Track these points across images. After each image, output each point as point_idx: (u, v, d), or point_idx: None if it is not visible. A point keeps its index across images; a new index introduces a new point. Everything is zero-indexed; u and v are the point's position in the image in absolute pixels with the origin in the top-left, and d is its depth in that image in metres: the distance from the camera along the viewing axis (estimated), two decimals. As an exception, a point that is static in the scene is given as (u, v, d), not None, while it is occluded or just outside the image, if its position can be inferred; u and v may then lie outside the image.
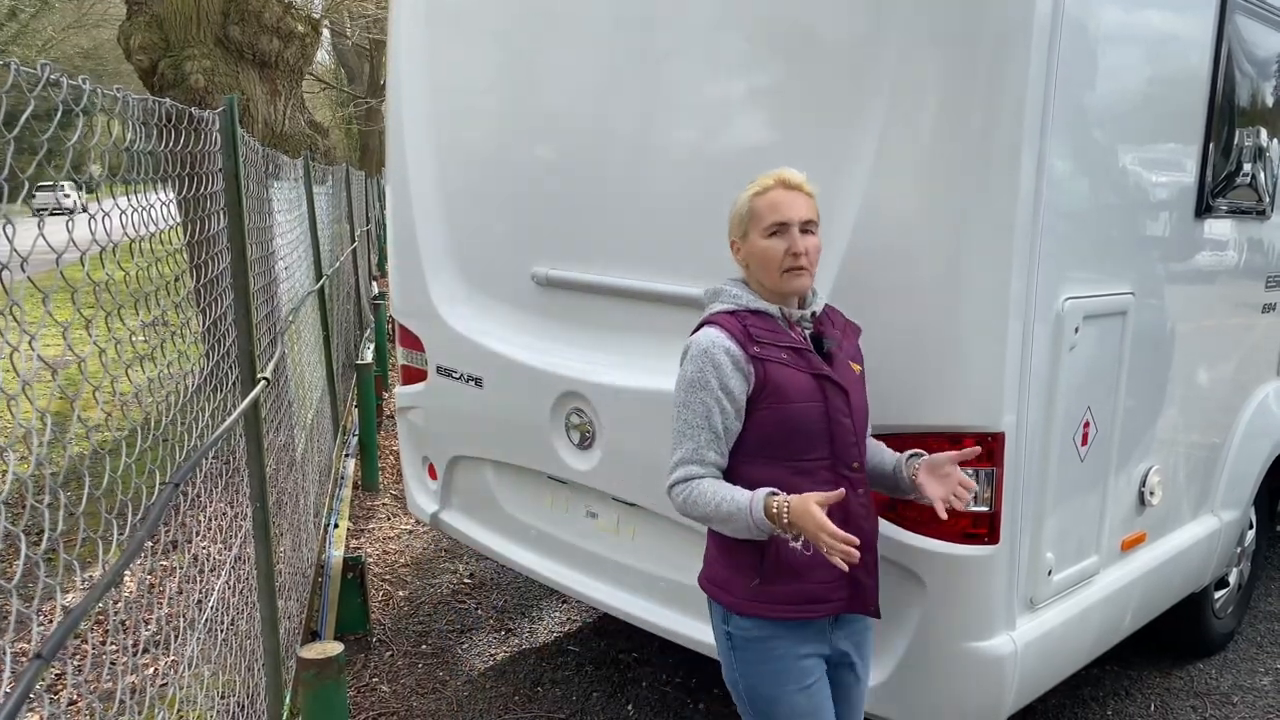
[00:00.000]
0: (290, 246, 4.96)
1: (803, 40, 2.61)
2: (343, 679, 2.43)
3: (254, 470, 2.78)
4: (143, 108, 1.84)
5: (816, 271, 2.21)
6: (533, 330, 3.43)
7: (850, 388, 2.16)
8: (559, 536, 3.47)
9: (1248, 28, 3.17)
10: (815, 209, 2.17)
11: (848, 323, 2.32)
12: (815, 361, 2.14)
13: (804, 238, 2.13)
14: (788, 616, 2.15)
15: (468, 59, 3.55)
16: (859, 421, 2.18)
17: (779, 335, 2.14)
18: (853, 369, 2.20)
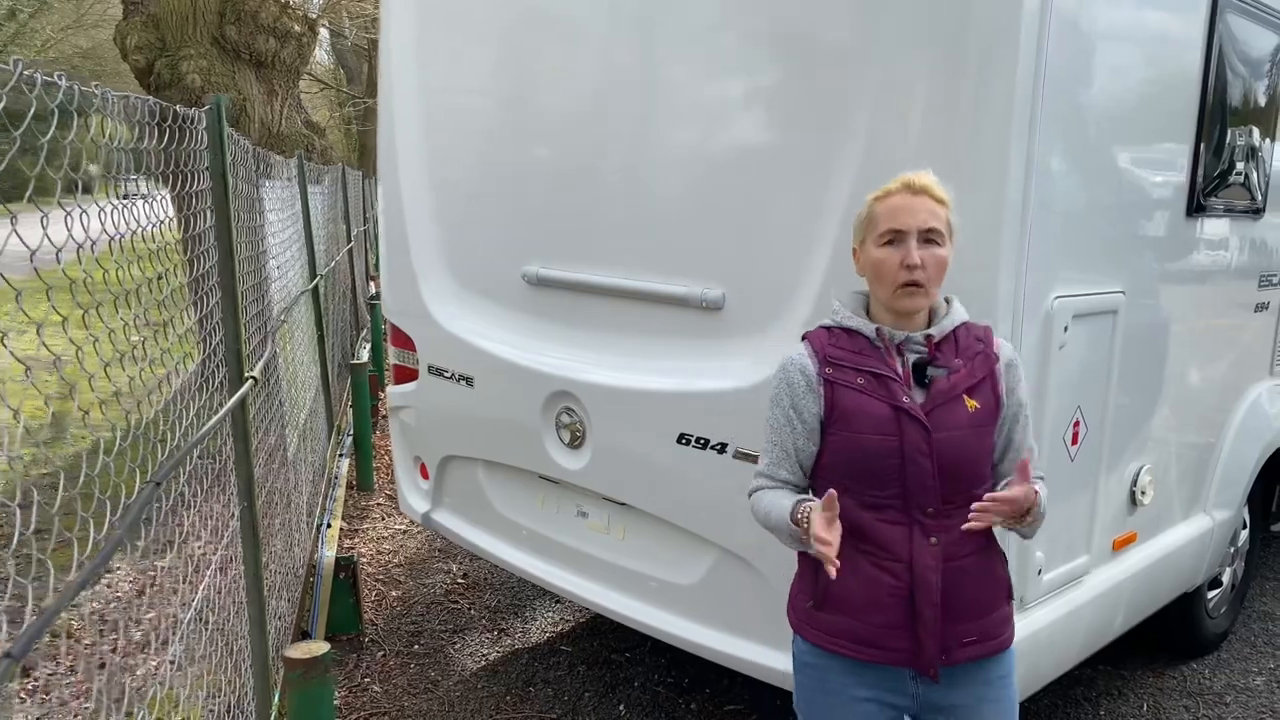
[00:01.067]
0: (283, 245, 4.95)
1: (792, 41, 2.61)
2: (329, 679, 2.42)
3: (241, 470, 2.77)
4: (124, 105, 1.83)
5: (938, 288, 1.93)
6: (523, 330, 3.42)
7: (938, 425, 1.88)
8: (550, 536, 3.46)
9: (1239, 26, 3.16)
10: (945, 217, 1.90)
11: (985, 353, 1.95)
12: (896, 391, 1.89)
13: (924, 249, 1.87)
14: (840, 651, 1.97)
15: (459, 59, 3.55)
16: (947, 464, 1.88)
17: (864, 358, 1.94)
18: (964, 405, 1.90)
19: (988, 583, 1.96)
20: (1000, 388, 1.95)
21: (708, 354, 2.91)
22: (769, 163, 2.69)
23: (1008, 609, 2.01)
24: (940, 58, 2.37)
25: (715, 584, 2.96)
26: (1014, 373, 1.98)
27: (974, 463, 1.92)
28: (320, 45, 25.65)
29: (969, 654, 1.94)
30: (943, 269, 1.90)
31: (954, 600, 1.92)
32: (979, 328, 2.00)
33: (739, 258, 2.79)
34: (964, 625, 1.94)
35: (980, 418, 1.91)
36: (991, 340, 1.99)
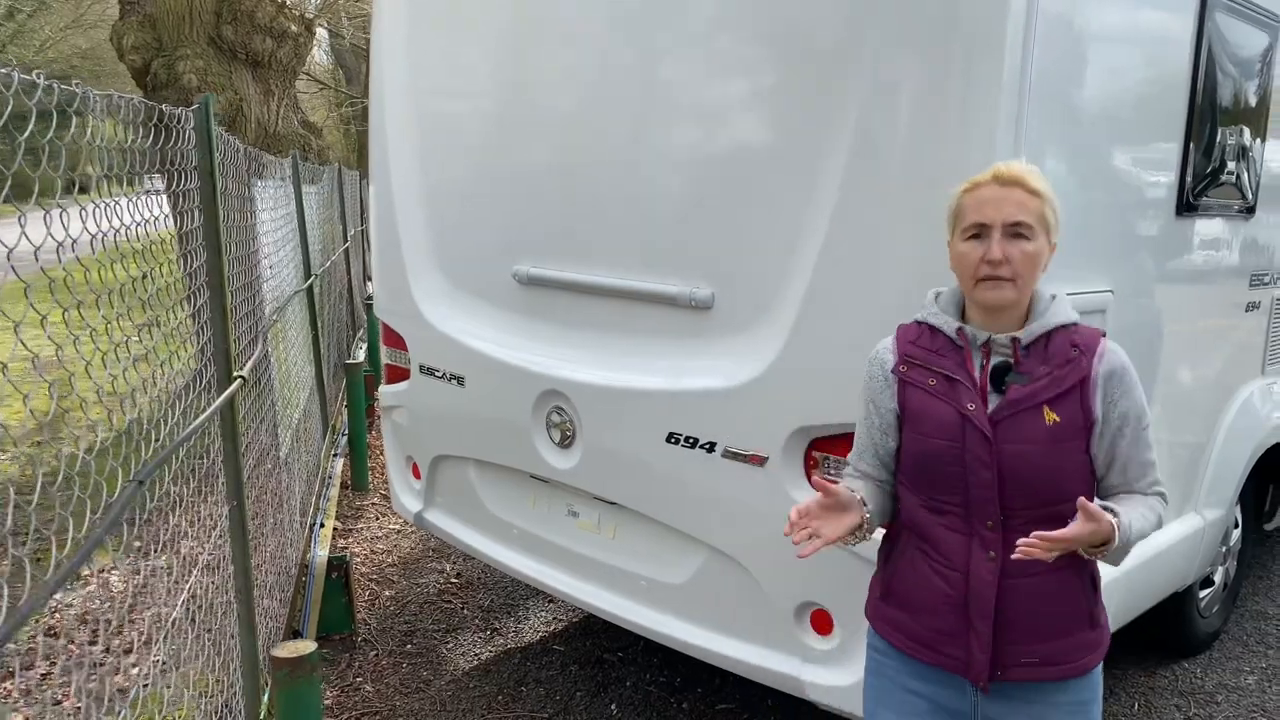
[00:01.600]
0: (276, 245, 4.95)
1: (781, 41, 2.61)
2: (315, 678, 2.42)
3: (230, 470, 2.77)
4: (107, 104, 1.83)
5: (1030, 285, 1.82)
6: (514, 329, 3.42)
7: (1006, 437, 1.80)
8: (541, 535, 3.46)
9: (1229, 25, 3.16)
10: (1038, 210, 1.79)
11: (1077, 361, 1.82)
12: (965, 395, 1.83)
13: (1010, 243, 1.78)
14: (898, 646, 1.98)
15: (449, 59, 3.55)
16: (1013, 477, 1.80)
17: (940, 358, 1.88)
18: (1042, 417, 1.79)
19: (1058, 606, 1.85)
20: (1092, 400, 1.80)
21: (697, 353, 2.91)
22: (758, 162, 2.69)
23: (1089, 635, 1.88)
24: (927, 59, 2.37)
25: (705, 583, 2.96)
26: (1117, 383, 1.81)
27: (1050, 479, 1.80)
28: (319, 45, 25.65)
29: (1027, 675, 1.87)
30: (1032, 264, 1.79)
31: (1014, 617, 1.85)
32: (1085, 332, 1.84)
33: (728, 257, 2.79)
34: (1025, 645, 1.86)
35: (1061, 432, 1.79)
36: (1094, 348, 1.82)
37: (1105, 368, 1.81)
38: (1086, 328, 1.86)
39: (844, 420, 2.56)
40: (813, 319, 2.58)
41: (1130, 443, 1.83)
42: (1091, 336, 1.85)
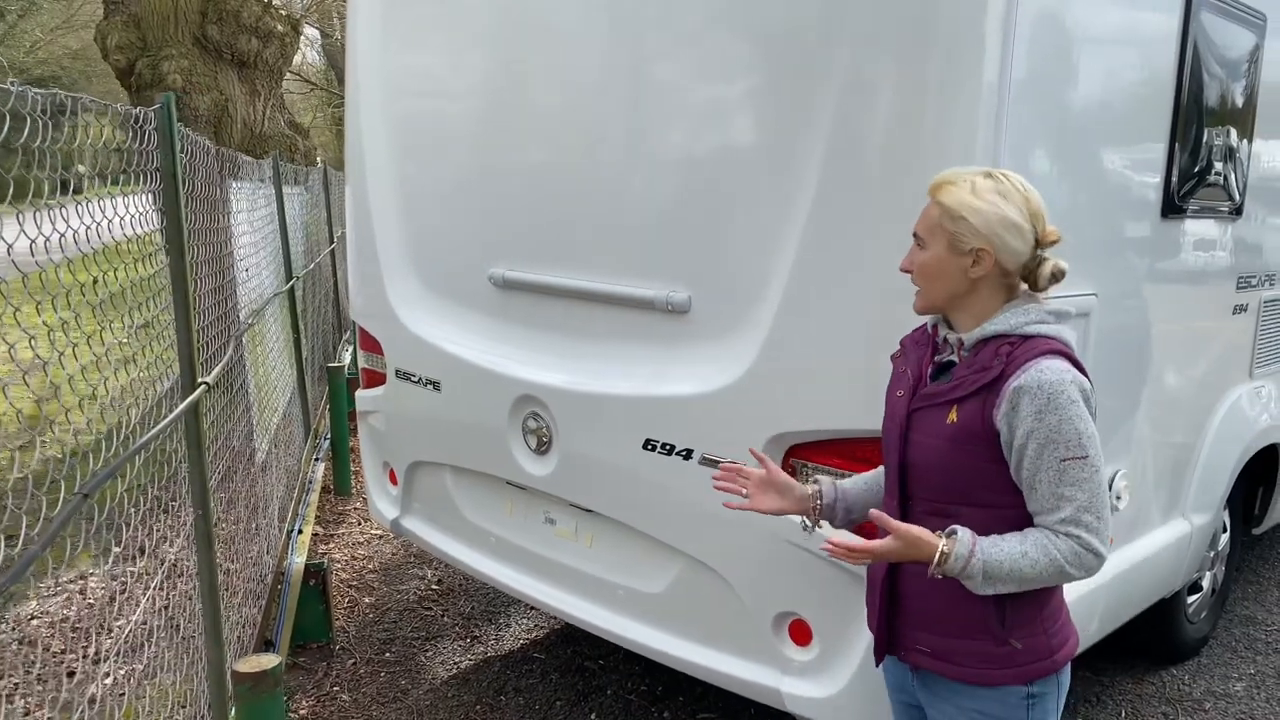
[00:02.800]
0: (255, 247, 4.89)
1: (759, 42, 2.56)
2: (279, 693, 2.36)
3: (195, 477, 2.71)
4: (52, 104, 1.77)
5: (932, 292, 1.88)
6: (490, 333, 3.36)
7: (915, 427, 1.90)
8: (518, 543, 3.40)
9: (1214, 25, 3.12)
10: (932, 219, 1.84)
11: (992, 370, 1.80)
12: (902, 385, 1.97)
13: (915, 252, 1.89)
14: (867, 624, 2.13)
15: (425, 58, 3.49)
16: (911, 465, 1.91)
17: (918, 349, 1.99)
18: (946, 417, 1.85)
19: (949, 604, 1.88)
20: (994, 410, 1.78)
21: (674, 358, 2.85)
22: (735, 165, 2.64)
23: (991, 649, 1.86)
24: (904, 60, 2.32)
25: (682, 592, 2.91)
26: (1028, 402, 1.75)
27: (945, 476, 1.85)
28: (310, 45, 25.60)
29: (923, 663, 1.96)
30: (925, 273, 1.87)
31: (909, 602, 1.95)
32: (1027, 345, 1.79)
33: (705, 261, 2.73)
34: (917, 631, 1.95)
35: (959, 433, 1.82)
36: (1019, 361, 1.78)
37: (1018, 382, 1.76)
38: (1037, 342, 1.80)
39: (821, 427, 2.51)
40: (789, 324, 2.52)
41: (1033, 468, 1.77)
42: (1029, 350, 1.79)
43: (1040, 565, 1.75)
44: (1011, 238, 1.80)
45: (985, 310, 1.86)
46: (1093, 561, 1.77)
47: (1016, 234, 1.80)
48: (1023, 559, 1.75)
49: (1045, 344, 1.80)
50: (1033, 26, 2.40)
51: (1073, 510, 1.76)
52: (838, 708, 2.57)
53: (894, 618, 1.98)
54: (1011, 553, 1.76)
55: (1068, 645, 1.93)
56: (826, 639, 2.60)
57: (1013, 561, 1.75)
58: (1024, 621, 1.86)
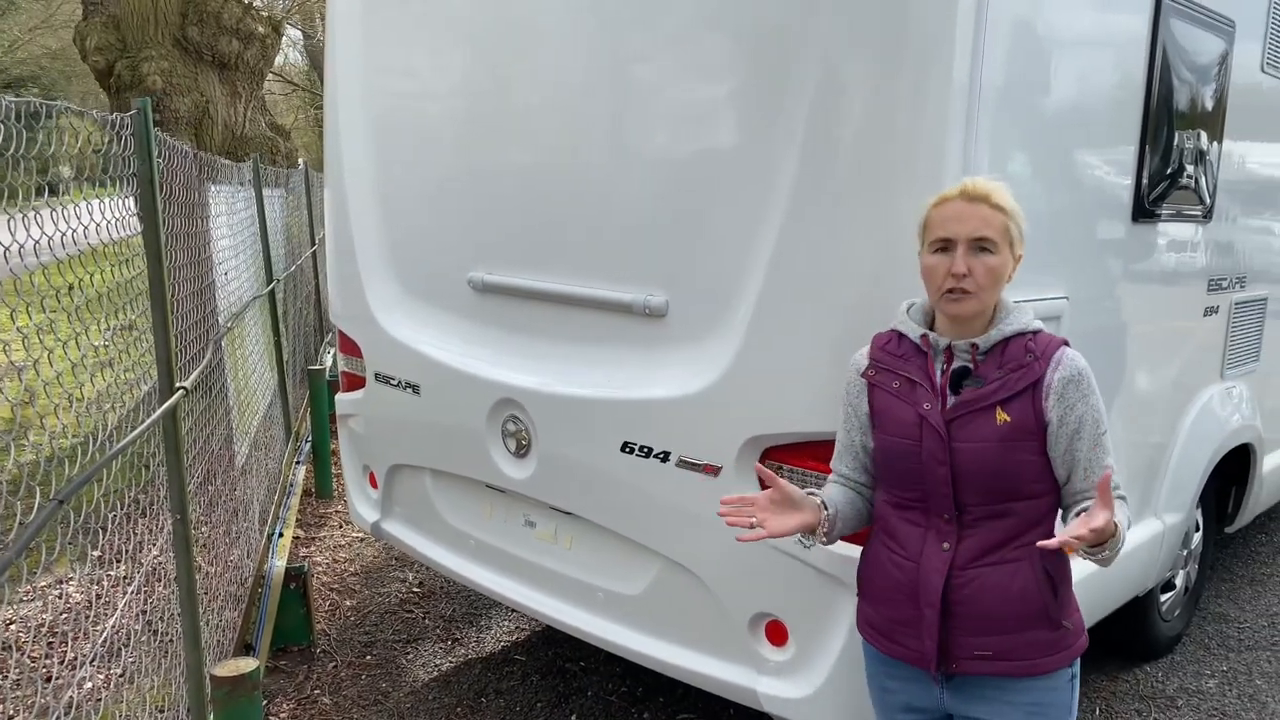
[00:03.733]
0: (234, 250, 4.88)
1: (735, 45, 2.58)
2: (257, 696, 2.37)
3: (173, 482, 2.71)
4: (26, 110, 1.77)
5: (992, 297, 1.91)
6: (469, 336, 3.37)
7: (959, 435, 1.90)
8: (498, 546, 3.42)
9: (1183, 30, 3.16)
10: (1002, 225, 1.88)
11: (1030, 366, 1.89)
12: (924, 396, 1.94)
13: (974, 257, 1.87)
14: (868, 640, 2.12)
15: (403, 61, 3.50)
16: (967, 474, 1.90)
17: (905, 362, 1.99)
18: (994, 417, 1.88)
19: (1009, 600, 1.90)
20: (1044, 402, 1.87)
21: (651, 361, 2.87)
22: (711, 168, 2.66)
23: (1047, 635, 1.92)
24: (876, 63, 2.35)
25: (660, 594, 2.93)
26: (1074, 389, 1.88)
27: (1000, 476, 1.89)
28: (293, 46, 25.50)
29: (981, 668, 1.94)
30: (994, 276, 1.89)
31: (964, 609, 1.93)
32: (1044, 340, 1.92)
33: (682, 265, 2.75)
34: (976, 638, 1.94)
35: (1012, 432, 1.87)
36: (1050, 354, 1.90)
37: (1062, 374, 1.88)
38: (1047, 335, 1.94)
39: (796, 430, 2.54)
40: (765, 327, 2.55)
41: (1089, 446, 1.89)
42: (1049, 344, 1.92)
43: (1126, 525, 1.83)
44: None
45: (989, 314, 1.95)
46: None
47: None
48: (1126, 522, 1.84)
49: (1054, 337, 1.94)
50: (1003, 31, 2.43)
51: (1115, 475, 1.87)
52: (813, 707, 2.60)
53: (944, 630, 1.95)
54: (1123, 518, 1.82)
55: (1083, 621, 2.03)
56: (802, 639, 2.62)
57: (1126, 524, 1.83)
58: (1067, 599, 1.96)
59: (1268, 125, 4.00)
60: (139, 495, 2.79)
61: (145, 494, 2.94)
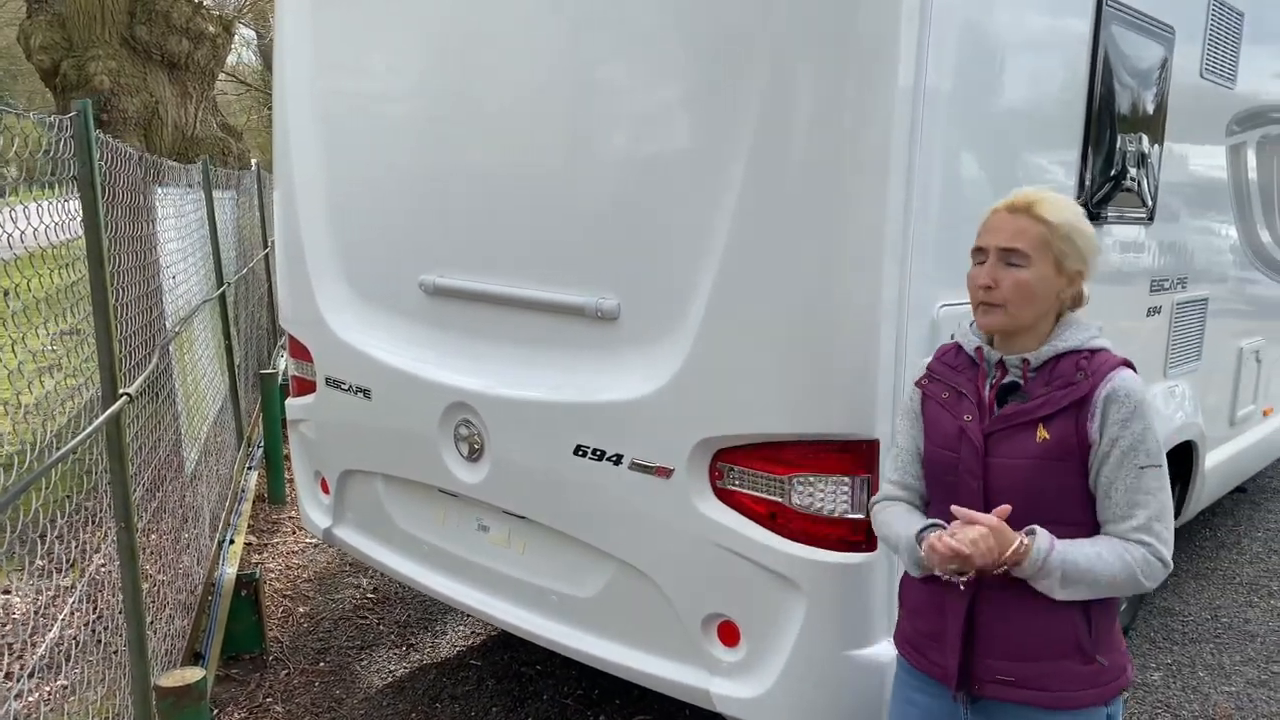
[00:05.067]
0: (183, 254, 4.81)
1: (685, 48, 2.59)
2: (204, 706, 2.34)
3: (117, 489, 2.66)
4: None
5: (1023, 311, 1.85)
6: (421, 340, 3.35)
7: (997, 451, 1.85)
8: (451, 551, 3.40)
9: (1124, 37, 3.22)
10: (1039, 237, 1.81)
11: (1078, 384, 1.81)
12: (967, 409, 1.91)
13: (1002, 269, 1.83)
14: (900, 651, 2.09)
15: (356, 59, 3.47)
16: (999, 489, 1.84)
17: (957, 374, 1.97)
18: (1034, 436, 1.82)
19: (1037, 627, 1.84)
20: (1089, 423, 1.79)
21: (604, 364, 2.87)
22: (662, 172, 2.67)
23: (1079, 668, 1.84)
24: (822, 69, 2.37)
25: (613, 597, 2.93)
26: (1115, 409, 1.78)
27: (1036, 494, 1.82)
28: (247, 46, 25.18)
29: (1003, 694, 1.88)
30: (1022, 291, 1.82)
31: (988, 629, 1.87)
32: (1101, 358, 1.83)
33: (633, 268, 2.76)
34: (999, 662, 1.88)
35: (1052, 450, 1.81)
36: (1102, 373, 1.81)
37: (1106, 391, 1.79)
38: (1106, 355, 1.85)
39: (747, 431, 2.55)
40: (715, 329, 2.56)
41: (1114, 471, 1.78)
42: (1105, 362, 1.83)
43: (1114, 569, 1.74)
44: (1095, 260, 1.88)
45: (1044, 325, 1.88)
46: (1160, 571, 1.77)
47: (1097, 258, 1.88)
48: (1098, 560, 1.74)
49: (1113, 357, 1.85)
50: (949, 36, 2.47)
51: (1145, 518, 1.76)
52: (765, 707, 2.61)
53: (968, 650, 1.90)
54: (1088, 554, 1.75)
55: (1132, 661, 1.92)
56: (754, 640, 2.64)
57: (1089, 562, 1.74)
58: (1106, 636, 1.86)
59: (1207, 129, 4.09)
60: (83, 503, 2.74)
61: (90, 502, 2.89)
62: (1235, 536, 5.71)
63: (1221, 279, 4.48)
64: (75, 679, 2.75)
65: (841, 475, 2.45)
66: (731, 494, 2.62)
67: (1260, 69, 4.46)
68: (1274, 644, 4.36)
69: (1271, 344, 5.22)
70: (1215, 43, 3.96)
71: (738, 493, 2.60)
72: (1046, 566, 1.74)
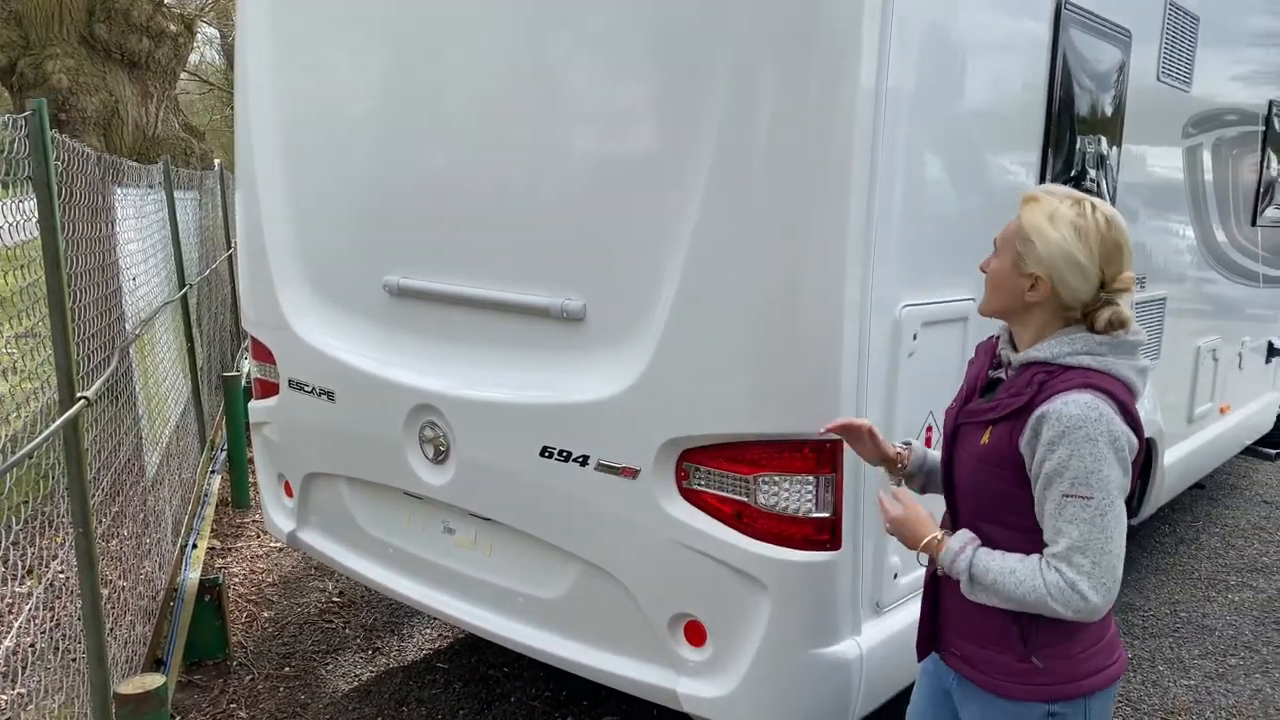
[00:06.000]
0: (144, 255, 4.75)
1: (649, 47, 2.59)
2: (164, 714, 2.31)
3: (75, 495, 2.62)
4: (-92, 112, 1.70)
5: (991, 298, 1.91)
6: (385, 342, 3.33)
7: (959, 442, 1.95)
8: (417, 554, 3.38)
9: (1082, 40, 3.27)
10: (1011, 230, 1.84)
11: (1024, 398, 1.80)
12: (960, 395, 2.02)
13: (992, 255, 1.91)
14: None
15: (318, 58, 3.44)
16: (956, 479, 1.95)
17: (981, 355, 2.04)
18: (979, 438, 1.88)
19: (979, 615, 1.89)
20: (1019, 438, 1.79)
21: (569, 366, 2.87)
22: (627, 172, 2.67)
23: (1013, 663, 1.88)
24: (785, 71, 2.38)
25: (580, 598, 2.93)
26: (1047, 431, 1.74)
27: (978, 495, 1.89)
28: (209, 44, 24.89)
29: (957, 666, 2.01)
30: (991, 278, 1.90)
31: (948, 605, 1.99)
32: (1064, 376, 1.77)
33: (599, 268, 2.76)
34: (956, 638, 2.00)
35: (989, 454, 1.85)
36: (1052, 391, 1.76)
37: (1041, 410, 1.76)
38: (1078, 372, 1.77)
39: (713, 431, 2.56)
40: (680, 329, 2.56)
41: (1041, 493, 1.77)
42: (1065, 381, 1.77)
43: (1025, 588, 1.74)
44: (1072, 275, 1.77)
45: (1043, 333, 1.85)
46: (1078, 603, 1.71)
47: (1078, 273, 1.76)
48: (1010, 575, 1.75)
49: (1084, 377, 1.76)
50: (911, 37, 2.50)
51: (1064, 546, 1.72)
52: (731, 706, 2.62)
53: (936, 620, 2.04)
54: (1001, 567, 1.77)
55: (1103, 673, 1.88)
56: (720, 639, 2.65)
57: (999, 575, 1.77)
58: (1047, 643, 1.85)
59: (1163, 131, 4.16)
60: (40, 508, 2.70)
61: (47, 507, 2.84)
62: (1194, 532, 5.81)
63: (1179, 279, 4.56)
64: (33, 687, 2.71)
65: (806, 474, 2.46)
66: (697, 494, 2.62)
67: (1215, 72, 4.54)
68: (1231, 638, 4.44)
69: (1228, 342, 5.32)
70: (1171, 46, 4.03)
71: (703, 493, 2.61)
72: (954, 568, 1.83)
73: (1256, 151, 5.30)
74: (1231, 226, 5.14)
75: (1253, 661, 4.23)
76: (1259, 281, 5.75)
